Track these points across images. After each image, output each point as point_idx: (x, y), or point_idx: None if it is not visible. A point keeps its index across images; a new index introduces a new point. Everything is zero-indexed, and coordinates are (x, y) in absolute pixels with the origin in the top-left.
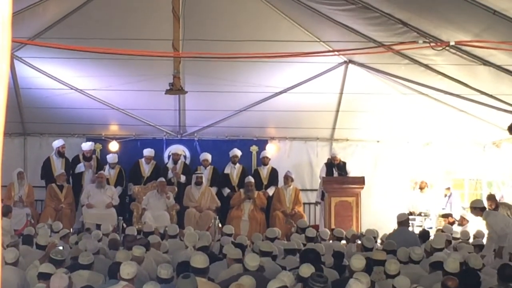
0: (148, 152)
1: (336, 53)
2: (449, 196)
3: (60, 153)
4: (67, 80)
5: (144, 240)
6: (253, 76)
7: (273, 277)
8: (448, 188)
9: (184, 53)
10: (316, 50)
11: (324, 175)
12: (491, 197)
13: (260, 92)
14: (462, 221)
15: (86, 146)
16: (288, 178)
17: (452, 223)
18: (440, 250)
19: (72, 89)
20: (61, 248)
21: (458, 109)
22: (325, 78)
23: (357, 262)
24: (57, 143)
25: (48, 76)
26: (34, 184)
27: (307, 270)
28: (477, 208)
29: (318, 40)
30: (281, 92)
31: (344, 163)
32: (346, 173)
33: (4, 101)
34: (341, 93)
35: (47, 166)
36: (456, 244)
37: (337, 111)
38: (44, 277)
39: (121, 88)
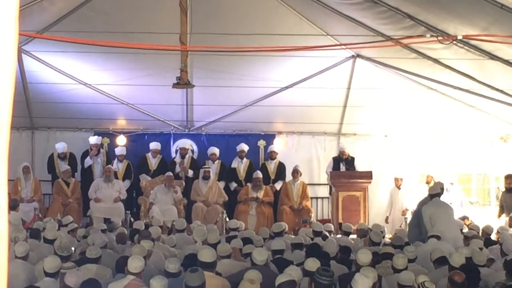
0: (154, 145)
1: (343, 47)
2: (448, 190)
3: (60, 157)
4: (75, 74)
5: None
6: (261, 70)
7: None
8: (452, 183)
9: (191, 46)
10: (324, 44)
11: (330, 169)
12: (510, 176)
13: (268, 87)
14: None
15: (93, 140)
16: (297, 172)
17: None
18: None
19: (80, 83)
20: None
21: (465, 104)
22: (333, 72)
23: (364, 256)
24: (57, 147)
25: (56, 70)
26: (42, 178)
27: (313, 264)
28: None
29: (326, 34)
30: (288, 87)
31: (353, 158)
32: (354, 168)
33: (11, 95)
34: (349, 88)
35: (50, 162)
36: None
37: (345, 105)
38: (52, 275)
39: (129, 82)
